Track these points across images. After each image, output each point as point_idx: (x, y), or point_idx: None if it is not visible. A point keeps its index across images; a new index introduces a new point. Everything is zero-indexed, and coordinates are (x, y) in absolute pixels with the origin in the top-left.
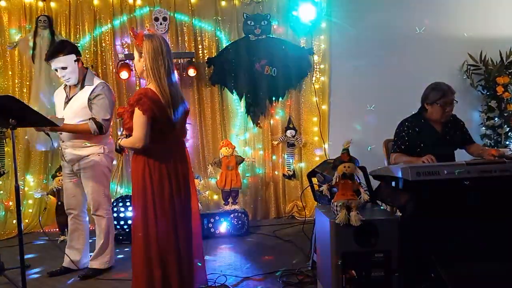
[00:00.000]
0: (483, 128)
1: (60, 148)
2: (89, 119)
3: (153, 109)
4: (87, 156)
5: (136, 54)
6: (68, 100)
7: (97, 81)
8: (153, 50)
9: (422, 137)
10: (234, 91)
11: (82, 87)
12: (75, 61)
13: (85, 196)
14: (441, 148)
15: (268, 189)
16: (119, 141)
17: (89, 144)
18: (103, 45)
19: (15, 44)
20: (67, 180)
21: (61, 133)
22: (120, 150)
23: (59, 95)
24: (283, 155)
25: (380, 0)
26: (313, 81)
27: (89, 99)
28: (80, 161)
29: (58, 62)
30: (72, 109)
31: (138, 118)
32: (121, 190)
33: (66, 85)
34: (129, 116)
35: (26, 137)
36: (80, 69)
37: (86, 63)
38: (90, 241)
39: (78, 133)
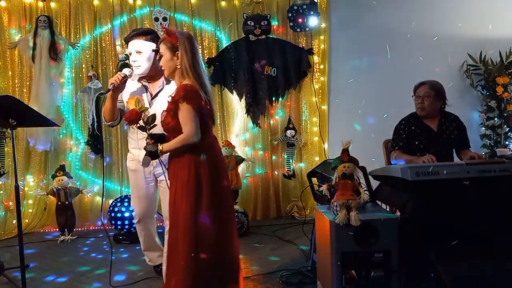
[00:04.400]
0: (483, 128)
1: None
2: None
3: (200, 104)
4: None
5: (166, 53)
6: (152, 97)
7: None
8: (191, 47)
9: (417, 135)
10: (234, 91)
11: (168, 81)
12: (153, 50)
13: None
14: (437, 146)
15: (268, 189)
16: (161, 147)
17: None
18: (103, 45)
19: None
20: (144, 184)
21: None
22: (155, 155)
23: (133, 89)
24: (283, 155)
25: (380, 0)
26: (313, 81)
27: None
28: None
29: (135, 44)
30: (160, 106)
31: (189, 113)
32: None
33: (141, 79)
34: (172, 115)
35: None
36: (156, 63)
37: (86, 63)
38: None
39: None
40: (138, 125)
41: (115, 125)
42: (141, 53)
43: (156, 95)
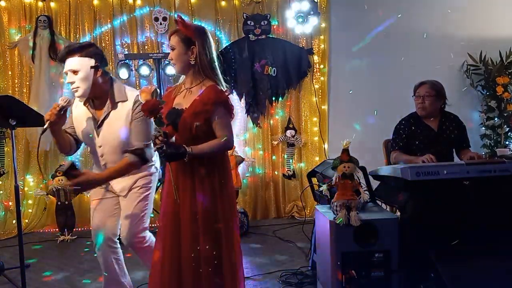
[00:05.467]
0: (483, 128)
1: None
2: (125, 151)
3: (232, 110)
4: (139, 179)
5: (179, 46)
6: (99, 124)
7: (132, 92)
8: (209, 43)
9: (417, 135)
10: (234, 91)
11: (114, 106)
12: (91, 67)
13: (119, 220)
14: (437, 146)
15: (268, 189)
16: (190, 149)
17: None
18: (103, 45)
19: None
20: (101, 195)
21: (105, 165)
22: (178, 157)
23: (81, 113)
24: (283, 155)
25: (380, 0)
26: (313, 81)
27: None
28: (131, 188)
29: (70, 63)
30: (112, 135)
31: (228, 119)
32: None
33: (88, 101)
34: (204, 118)
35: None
36: (98, 80)
37: None
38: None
39: (123, 175)
40: (156, 118)
41: (71, 154)
42: (77, 72)
43: (102, 122)
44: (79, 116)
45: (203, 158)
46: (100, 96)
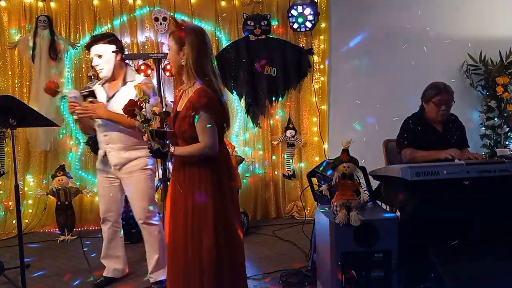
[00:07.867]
0: (483, 128)
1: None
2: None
3: (219, 113)
4: (135, 159)
5: (173, 46)
6: (109, 98)
7: (139, 78)
8: (199, 44)
9: (422, 136)
10: (234, 91)
11: (125, 83)
12: (113, 52)
13: (123, 202)
14: (441, 148)
15: (268, 189)
16: (173, 149)
17: (139, 146)
18: None
19: (15, 44)
20: (106, 184)
21: (106, 135)
22: (163, 155)
23: (98, 93)
24: (283, 155)
25: (380, 0)
26: (313, 81)
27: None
28: (127, 165)
29: (95, 49)
30: (117, 107)
31: (208, 123)
32: None
33: (105, 82)
34: (189, 123)
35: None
36: (118, 63)
37: (86, 63)
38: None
39: (124, 126)
40: (138, 117)
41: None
42: (101, 56)
43: (113, 96)
44: (99, 95)
45: (192, 162)
46: (116, 77)
